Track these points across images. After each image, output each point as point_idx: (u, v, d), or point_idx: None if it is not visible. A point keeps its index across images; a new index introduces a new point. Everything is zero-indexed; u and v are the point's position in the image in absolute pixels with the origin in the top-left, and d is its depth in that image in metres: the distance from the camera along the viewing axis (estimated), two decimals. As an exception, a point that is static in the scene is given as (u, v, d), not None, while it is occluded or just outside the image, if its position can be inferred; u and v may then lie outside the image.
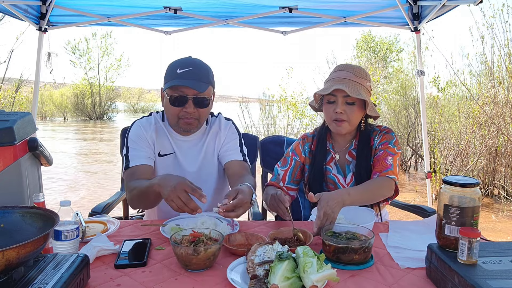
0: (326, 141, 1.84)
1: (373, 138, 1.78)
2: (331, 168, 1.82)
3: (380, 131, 1.79)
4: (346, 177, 1.79)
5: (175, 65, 1.69)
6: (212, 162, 1.88)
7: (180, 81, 1.64)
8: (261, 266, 1.10)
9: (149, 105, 24.17)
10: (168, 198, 1.33)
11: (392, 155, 1.70)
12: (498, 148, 5.76)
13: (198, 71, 1.68)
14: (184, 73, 1.65)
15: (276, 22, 3.64)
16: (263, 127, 9.94)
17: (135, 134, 1.78)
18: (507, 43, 5.83)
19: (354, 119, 1.71)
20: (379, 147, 1.75)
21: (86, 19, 3.55)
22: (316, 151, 1.84)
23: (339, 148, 1.83)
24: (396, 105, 8.06)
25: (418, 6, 3.38)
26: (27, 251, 0.91)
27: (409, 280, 1.15)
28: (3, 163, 1.36)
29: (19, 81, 9.69)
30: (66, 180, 6.59)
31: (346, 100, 1.68)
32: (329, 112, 1.72)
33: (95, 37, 19.22)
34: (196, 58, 1.75)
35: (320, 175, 1.80)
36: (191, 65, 1.67)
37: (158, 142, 1.81)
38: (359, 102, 1.69)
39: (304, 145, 1.89)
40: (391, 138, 1.76)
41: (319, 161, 1.81)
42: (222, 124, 1.91)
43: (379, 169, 1.68)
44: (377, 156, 1.73)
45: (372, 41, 14.72)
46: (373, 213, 1.55)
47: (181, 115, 1.69)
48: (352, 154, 1.80)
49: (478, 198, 1.12)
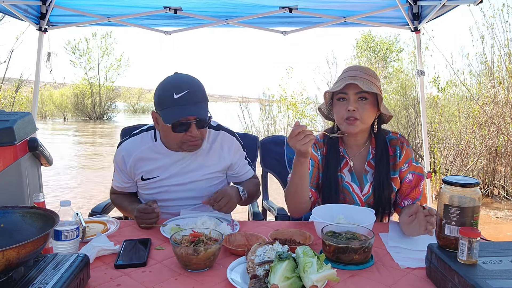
0: (338, 146, 1.74)
1: (392, 148, 1.72)
2: (344, 176, 1.73)
3: (398, 140, 1.73)
4: (364, 188, 1.71)
5: (169, 89, 1.59)
6: (207, 179, 1.81)
7: (183, 109, 1.57)
8: (261, 266, 1.10)
9: (149, 105, 24.15)
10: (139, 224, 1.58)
11: (420, 178, 1.71)
12: (498, 148, 5.76)
13: (194, 92, 1.60)
14: (182, 99, 1.56)
15: (276, 22, 3.63)
16: (263, 127, 9.95)
17: (117, 163, 1.80)
18: (507, 43, 5.83)
19: (367, 117, 1.63)
20: (405, 166, 1.71)
21: (86, 19, 3.55)
22: (329, 157, 1.73)
23: (353, 154, 1.74)
24: (396, 105, 8.06)
25: (418, 6, 3.38)
26: (27, 251, 0.91)
27: (409, 280, 1.15)
28: (3, 163, 1.36)
29: (19, 81, 9.69)
30: (66, 180, 6.58)
31: (358, 96, 1.62)
32: (340, 111, 1.65)
33: (95, 37, 19.22)
34: (184, 75, 1.67)
35: (335, 183, 1.70)
36: (186, 87, 1.58)
37: (141, 168, 1.76)
38: (372, 99, 1.63)
39: (317, 150, 1.76)
40: (411, 152, 1.74)
41: (333, 168, 1.71)
42: (226, 143, 1.82)
43: (413, 196, 1.70)
44: (409, 181, 1.71)
45: (372, 41, 14.72)
46: (373, 213, 1.55)
47: (185, 139, 1.63)
48: (371, 164, 1.72)
49: (478, 198, 1.12)
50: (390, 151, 1.72)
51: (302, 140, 1.43)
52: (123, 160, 1.77)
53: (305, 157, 1.52)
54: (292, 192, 1.62)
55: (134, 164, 1.76)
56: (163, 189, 1.78)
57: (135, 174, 1.78)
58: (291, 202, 1.65)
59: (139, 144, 1.77)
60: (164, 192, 1.78)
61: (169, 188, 1.78)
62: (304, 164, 1.54)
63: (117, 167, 1.81)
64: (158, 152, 1.76)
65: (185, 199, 1.80)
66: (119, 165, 1.80)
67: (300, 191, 1.60)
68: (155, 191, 1.79)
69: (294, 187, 1.60)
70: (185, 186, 1.78)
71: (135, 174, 1.78)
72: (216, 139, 1.81)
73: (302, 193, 1.61)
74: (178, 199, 1.79)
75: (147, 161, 1.76)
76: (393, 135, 1.76)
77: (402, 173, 1.71)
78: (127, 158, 1.76)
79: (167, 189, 1.78)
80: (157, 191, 1.79)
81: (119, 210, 1.95)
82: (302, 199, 1.62)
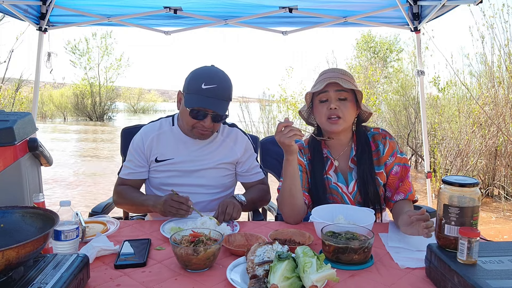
0: (321, 148, 1.77)
1: (375, 143, 1.74)
2: (331, 177, 1.74)
3: (380, 135, 1.76)
4: (349, 186, 1.73)
5: (200, 77, 1.70)
6: (217, 169, 1.89)
7: (205, 100, 1.68)
8: (261, 266, 1.10)
9: (149, 105, 24.18)
10: (165, 212, 1.60)
11: (408, 169, 1.72)
12: (498, 148, 5.76)
13: (222, 89, 1.71)
14: (208, 91, 1.68)
15: (276, 22, 3.64)
16: (263, 127, 9.95)
17: (134, 145, 1.88)
18: (507, 43, 5.83)
19: (348, 115, 1.67)
20: (391, 159, 1.72)
21: (86, 19, 3.55)
22: (313, 161, 1.76)
23: (337, 154, 1.76)
24: (396, 105, 8.06)
25: (418, 6, 3.38)
26: (27, 251, 0.92)
27: (409, 280, 1.15)
28: (3, 163, 1.36)
29: (19, 81, 9.69)
30: (66, 180, 6.58)
31: (338, 96, 1.66)
32: (322, 111, 1.68)
33: (95, 37, 19.25)
34: (220, 70, 1.77)
35: (321, 185, 1.72)
36: (216, 82, 1.69)
37: (156, 149, 1.85)
38: (351, 98, 1.68)
39: (303, 155, 1.79)
40: (395, 144, 1.75)
41: (319, 171, 1.74)
42: (239, 139, 1.93)
43: (404, 189, 1.69)
44: (395, 173, 1.71)
45: (372, 41, 14.72)
46: (373, 213, 1.55)
47: (196, 126, 1.75)
48: (354, 161, 1.74)
49: (477, 198, 1.12)
50: (373, 147, 1.75)
51: (287, 133, 1.50)
52: (141, 140, 1.86)
53: (291, 155, 1.58)
54: (287, 194, 1.62)
55: (151, 143, 1.85)
56: (174, 173, 1.85)
57: (150, 154, 1.85)
58: (286, 205, 1.64)
59: (158, 127, 1.89)
60: (174, 177, 1.85)
61: (180, 173, 1.85)
62: (292, 163, 1.59)
63: (134, 149, 1.86)
64: (174, 136, 1.87)
65: (195, 186, 1.86)
66: (137, 145, 1.86)
67: (294, 192, 1.62)
68: (166, 175, 1.86)
69: (288, 188, 1.62)
70: (196, 173, 1.86)
71: (151, 154, 1.85)
72: (230, 135, 1.92)
73: (296, 194, 1.62)
74: (188, 185, 1.85)
75: (163, 142, 1.85)
76: (374, 130, 1.78)
77: (387, 166, 1.73)
78: (145, 138, 1.86)
79: (178, 174, 1.85)
80: (168, 174, 1.85)
81: (123, 204, 1.88)
82: (296, 201, 1.62)
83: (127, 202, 1.84)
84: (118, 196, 1.86)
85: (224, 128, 1.93)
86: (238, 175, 1.98)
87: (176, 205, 1.57)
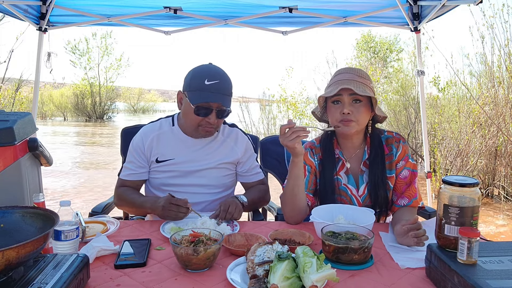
0: (333, 148, 1.74)
1: (388, 147, 1.72)
2: (342, 178, 1.72)
3: (394, 138, 1.73)
4: (359, 189, 1.71)
5: (202, 75, 1.72)
6: (218, 169, 1.89)
7: (210, 95, 1.69)
8: (261, 266, 1.10)
9: (149, 105, 24.19)
10: (163, 216, 1.60)
11: (415, 175, 1.71)
12: (498, 148, 5.76)
13: (224, 84, 1.73)
14: (212, 86, 1.69)
15: (276, 22, 3.64)
16: (263, 127, 9.96)
17: (134, 145, 1.87)
18: (507, 43, 5.83)
19: (361, 119, 1.63)
20: (401, 163, 1.70)
21: (86, 19, 3.55)
22: (325, 161, 1.73)
23: (349, 155, 1.73)
24: (396, 105, 8.07)
25: (418, 6, 3.38)
26: (27, 251, 0.92)
27: (409, 280, 1.15)
28: (3, 163, 1.36)
29: (19, 81, 9.69)
30: (65, 181, 6.58)
31: (352, 98, 1.62)
32: (335, 114, 1.65)
33: (95, 37, 19.25)
34: (218, 67, 1.78)
35: (331, 186, 1.70)
36: (218, 78, 1.72)
37: (157, 149, 1.84)
38: (366, 101, 1.64)
39: (314, 155, 1.76)
40: (407, 148, 1.73)
41: (329, 171, 1.71)
42: (239, 139, 1.93)
43: (409, 195, 1.68)
44: (403, 177, 1.70)
45: (372, 41, 14.72)
46: (373, 213, 1.55)
47: (202, 123, 1.75)
48: (366, 164, 1.71)
49: (477, 198, 1.12)
50: (386, 150, 1.72)
51: (290, 136, 1.49)
52: (141, 141, 1.85)
53: (297, 156, 1.57)
54: (289, 194, 1.63)
55: (151, 144, 1.84)
56: (175, 174, 1.85)
57: (151, 155, 1.85)
58: (288, 204, 1.64)
59: (158, 127, 1.89)
60: (175, 177, 1.85)
61: (181, 173, 1.85)
62: (297, 164, 1.59)
63: (134, 150, 1.86)
64: (174, 136, 1.86)
65: (195, 186, 1.86)
66: (137, 146, 1.85)
67: (297, 192, 1.61)
68: (167, 175, 1.86)
69: (291, 188, 1.62)
70: (197, 173, 1.86)
71: (151, 154, 1.85)
72: (230, 135, 1.93)
73: (299, 194, 1.62)
74: (189, 185, 1.85)
75: (164, 143, 1.85)
76: (388, 134, 1.76)
77: (398, 169, 1.71)
78: (145, 138, 1.85)
79: (179, 174, 1.85)
80: (169, 175, 1.85)
81: (124, 205, 1.89)
82: (298, 201, 1.62)
83: (127, 204, 1.85)
84: (118, 198, 1.86)
85: (225, 128, 1.94)
86: (238, 175, 1.98)
87: (175, 208, 1.57)
